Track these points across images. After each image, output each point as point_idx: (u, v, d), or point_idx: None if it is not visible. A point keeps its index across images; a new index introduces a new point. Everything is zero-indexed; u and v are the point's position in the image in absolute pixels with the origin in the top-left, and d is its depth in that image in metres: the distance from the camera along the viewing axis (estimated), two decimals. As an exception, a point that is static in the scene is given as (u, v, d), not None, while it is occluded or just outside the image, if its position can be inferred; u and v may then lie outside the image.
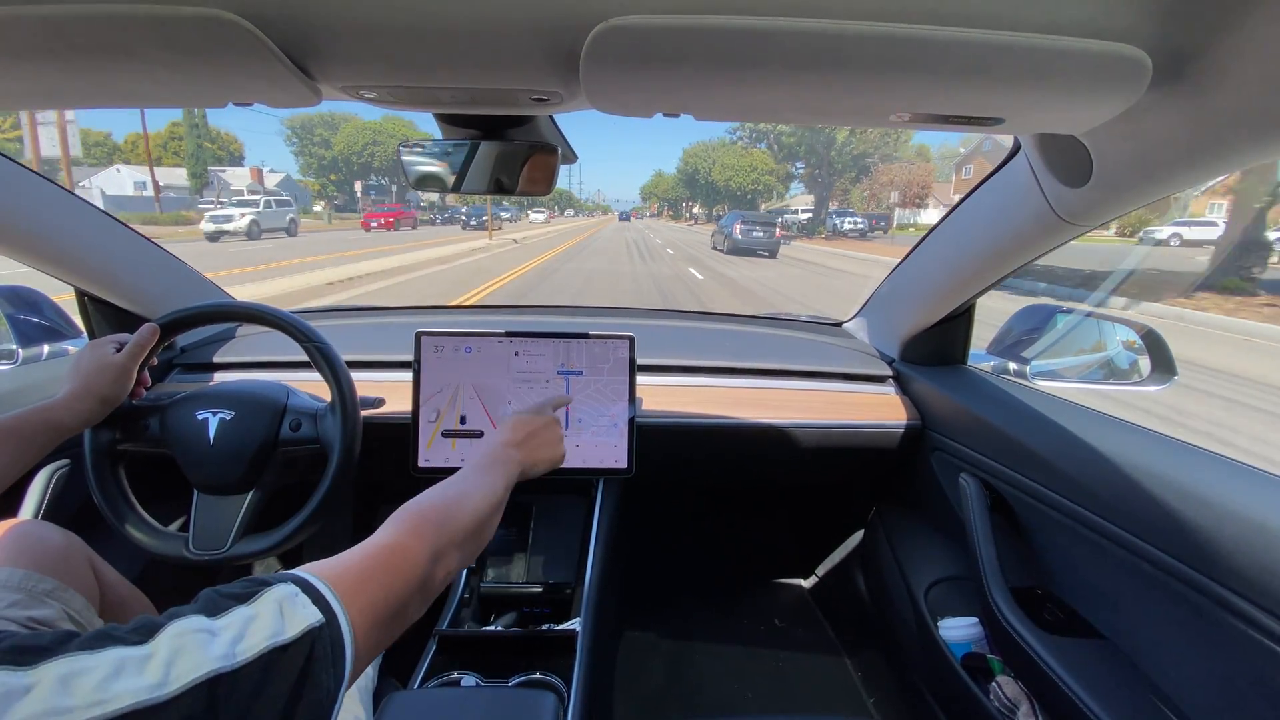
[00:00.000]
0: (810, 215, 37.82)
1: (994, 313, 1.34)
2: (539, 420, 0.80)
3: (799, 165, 44.15)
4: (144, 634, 0.33)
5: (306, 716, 0.36)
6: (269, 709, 0.35)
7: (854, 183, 39.44)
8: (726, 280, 11.41)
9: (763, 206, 47.28)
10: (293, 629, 0.37)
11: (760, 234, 17.11)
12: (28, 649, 0.30)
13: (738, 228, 17.25)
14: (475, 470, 0.69)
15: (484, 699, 0.77)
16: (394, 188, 47.67)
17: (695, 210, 71.89)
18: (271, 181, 43.98)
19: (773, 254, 17.15)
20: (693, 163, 57.44)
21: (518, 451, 0.75)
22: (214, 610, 0.37)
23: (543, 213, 48.99)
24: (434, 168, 0.79)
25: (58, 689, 0.29)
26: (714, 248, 19.64)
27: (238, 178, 41.80)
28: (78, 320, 1.22)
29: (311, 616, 0.39)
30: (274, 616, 0.37)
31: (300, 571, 0.42)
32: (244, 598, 0.38)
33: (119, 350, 0.85)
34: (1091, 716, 0.72)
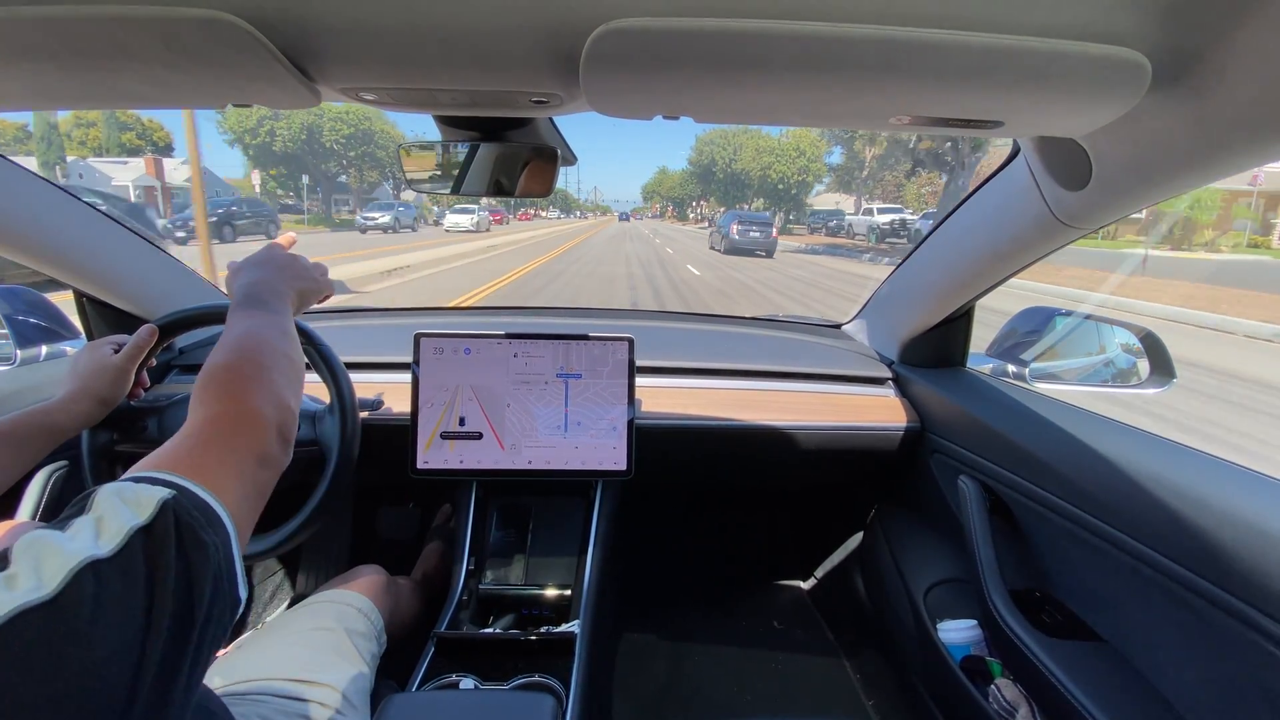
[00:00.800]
0: (899, 218, 21.40)
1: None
2: (272, 257, 0.74)
3: (836, 151, 33.28)
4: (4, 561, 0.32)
5: (203, 576, 0.36)
6: (166, 580, 0.34)
7: (910, 176, 27.45)
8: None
9: (809, 205, 38.21)
10: (145, 511, 0.36)
11: (757, 234, 17.07)
12: None
13: (735, 228, 17.17)
14: (249, 309, 0.62)
15: (482, 701, 0.76)
16: (305, 178, 34.50)
17: (704, 210, 59.36)
18: (180, 176, 32.63)
19: (769, 254, 17.10)
20: (709, 153, 44.57)
21: (281, 284, 0.70)
22: (57, 527, 0.35)
23: (470, 212, 26.98)
24: (433, 170, 0.79)
25: None
26: (711, 248, 19.57)
27: (131, 170, 32.58)
28: (76, 321, 1.22)
29: (159, 493, 0.37)
30: (119, 509, 0.35)
31: (126, 475, 0.40)
32: (78, 511, 0.36)
33: (117, 351, 0.85)
34: (1090, 719, 0.72)
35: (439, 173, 0.79)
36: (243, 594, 0.40)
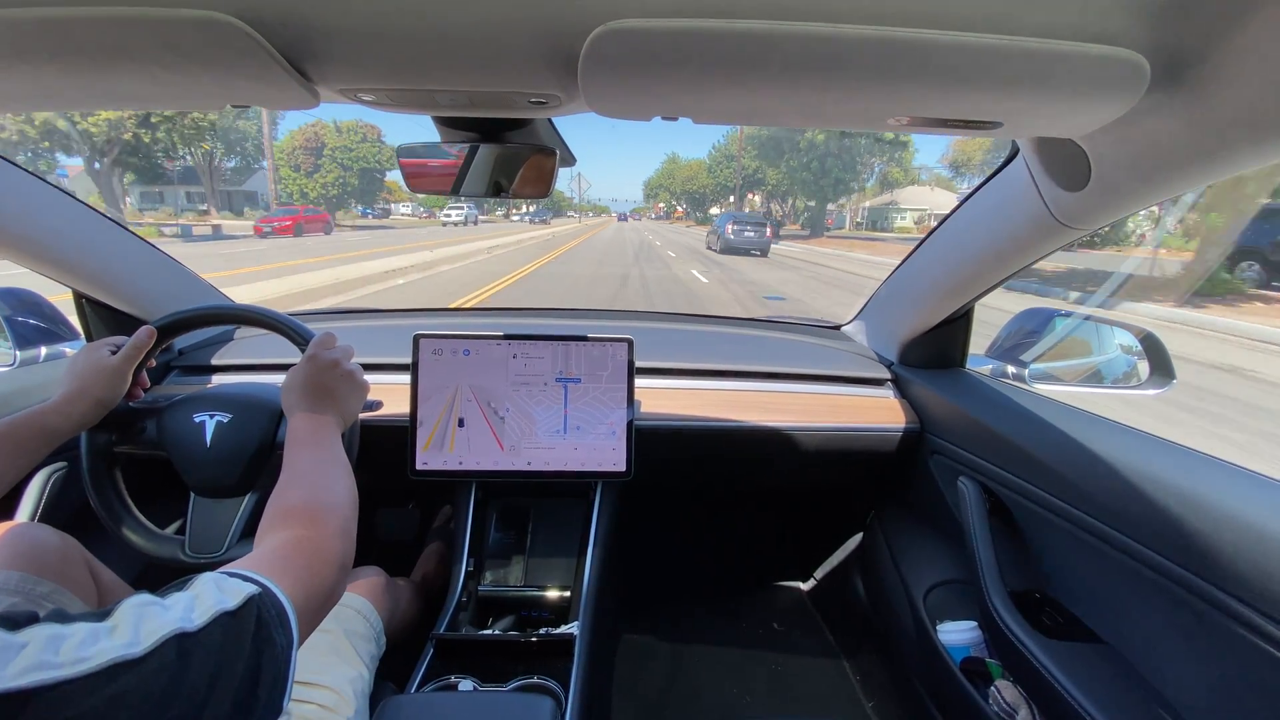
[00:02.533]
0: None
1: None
2: (315, 373, 0.77)
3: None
4: (101, 614, 0.36)
5: (270, 670, 0.41)
6: (236, 663, 0.38)
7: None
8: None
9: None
10: (234, 600, 0.40)
11: (751, 234, 17.87)
12: (9, 617, 0.34)
13: (730, 228, 18.02)
14: (312, 449, 0.69)
15: (481, 703, 0.76)
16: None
17: (759, 207, 37.12)
18: None
19: (764, 253, 17.88)
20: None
21: (326, 415, 0.74)
22: (160, 595, 0.40)
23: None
24: (432, 171, 0.79)
25: (46, 647, 0.32)
26: (708, 247, 19.93)
27: None
28: (75, 322, 1.22)
29: (249, 588, 0.42)
30: (214, 592, 0.40)
31: (223, 569, 0.45)
32: (179, 587, 0.41)
33: (115, 352, 0.85)
34: None
35: (437, 175, 0.79)
36: (286, 704, 0.42)
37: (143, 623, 0.36)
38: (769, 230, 18.58)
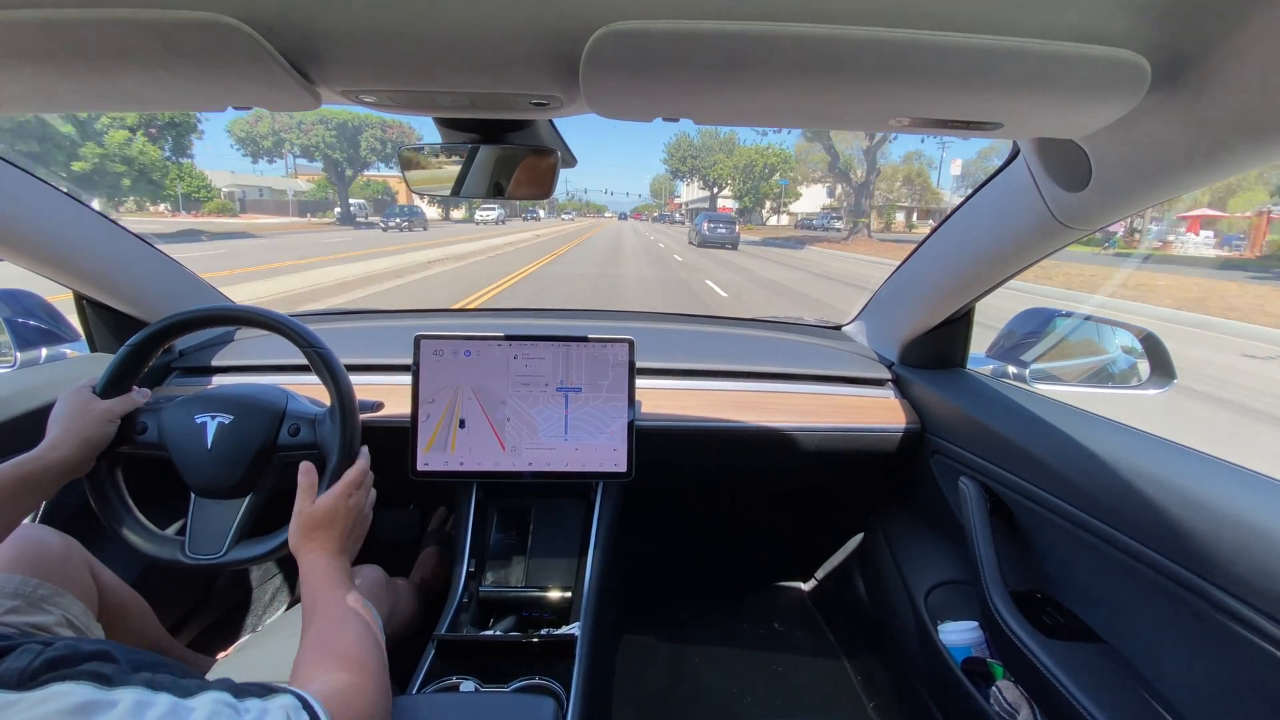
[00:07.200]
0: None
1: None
2: (325, 517, 0.78)
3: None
4: (184, 691, 0.40)
5: None
6: None
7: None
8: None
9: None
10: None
11: (723, 230, 21.55)
12: (102, 674, 0.38)
13: (705, 225, 21.74)
14: (331, 592, 0.69)
15: (482, 704, 0.76)
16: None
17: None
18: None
19: (734, 247, 21.32)
20: None
21: (337, 559, 0.75)
22: (238, 693, 0.44)
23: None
24: (433, 171, 0.79)
25: (133, 711, 0.36)
26: (689, 242, 23.29)
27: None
28: (75, 323, 1.22)
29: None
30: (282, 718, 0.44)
31: (301, 690, 0.49)
32: (260, 694, 0.45)
33: (98, 391, 0.83)
34: None
35: (439, 175, 0.80)
36: None
37: (216, 719, 0.40)
38: (737, 227, 22.68)
